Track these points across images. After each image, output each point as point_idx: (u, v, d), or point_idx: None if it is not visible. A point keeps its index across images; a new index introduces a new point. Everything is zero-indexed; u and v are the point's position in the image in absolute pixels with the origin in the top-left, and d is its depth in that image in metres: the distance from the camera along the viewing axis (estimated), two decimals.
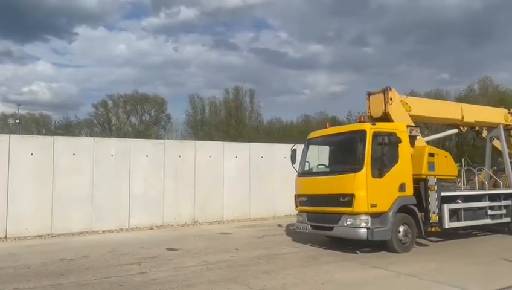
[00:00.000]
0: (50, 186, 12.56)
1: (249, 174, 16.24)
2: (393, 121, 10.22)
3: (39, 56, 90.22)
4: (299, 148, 11.00)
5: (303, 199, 10.33)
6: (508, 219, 11.37)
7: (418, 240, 10.02)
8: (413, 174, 9.55)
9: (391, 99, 10.38)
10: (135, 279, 7.17)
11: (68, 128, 50.40)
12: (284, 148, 14.09)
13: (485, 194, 11.26)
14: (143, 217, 13.91)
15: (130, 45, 77.51)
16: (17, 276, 7.49)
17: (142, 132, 48.65)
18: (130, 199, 13.78)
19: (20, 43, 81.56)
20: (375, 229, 8.84)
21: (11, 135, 13.09)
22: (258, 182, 16.31)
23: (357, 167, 9.01)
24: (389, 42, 76.49)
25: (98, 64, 79.46)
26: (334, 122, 40.61)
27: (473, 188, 11.87)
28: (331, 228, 9.44)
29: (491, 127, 13.30)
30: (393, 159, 9.24)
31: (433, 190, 9.64)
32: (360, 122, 9.71)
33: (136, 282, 6.97)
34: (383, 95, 10.51)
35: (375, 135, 9.07)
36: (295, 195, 10.59)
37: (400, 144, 9.37)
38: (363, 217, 8.85)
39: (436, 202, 9.66)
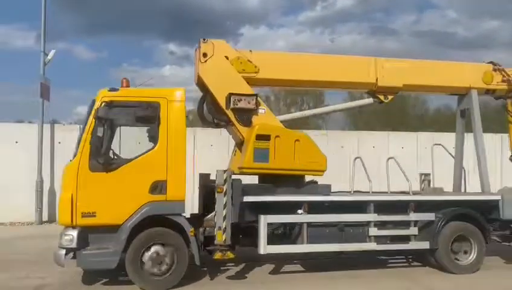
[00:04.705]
0: None
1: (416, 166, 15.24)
2: (208, 89, 7.06)
3: None
4: None
5: None
6: (425, 245, 7.22)
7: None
8: (243, 168, 6.71)
9: (205, 55, 7.08)
10: None
11: None
12: None
13: (367, 201, 7.18)
14: None
15: (288, 40, 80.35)
16: None
17: (302, 123, 50.21)
18: None
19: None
20: (85, 253, 5.96)
21: (195, 128, 14.71)
22: None
23: (75, 153, 6.26)
24: None
25: None
26: None
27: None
28: None
29: (458, 93, 8.83)
30: (145, 143, 6.44)
31: (221, 191, 6.17)
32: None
33: None
34: (197, 51, 7.27)
35: (109, 106, 6.08)
36: None
37: (161, 121, 6.23)
38: (68, 232, 5.99)
39: (224, 212, 6.18)
